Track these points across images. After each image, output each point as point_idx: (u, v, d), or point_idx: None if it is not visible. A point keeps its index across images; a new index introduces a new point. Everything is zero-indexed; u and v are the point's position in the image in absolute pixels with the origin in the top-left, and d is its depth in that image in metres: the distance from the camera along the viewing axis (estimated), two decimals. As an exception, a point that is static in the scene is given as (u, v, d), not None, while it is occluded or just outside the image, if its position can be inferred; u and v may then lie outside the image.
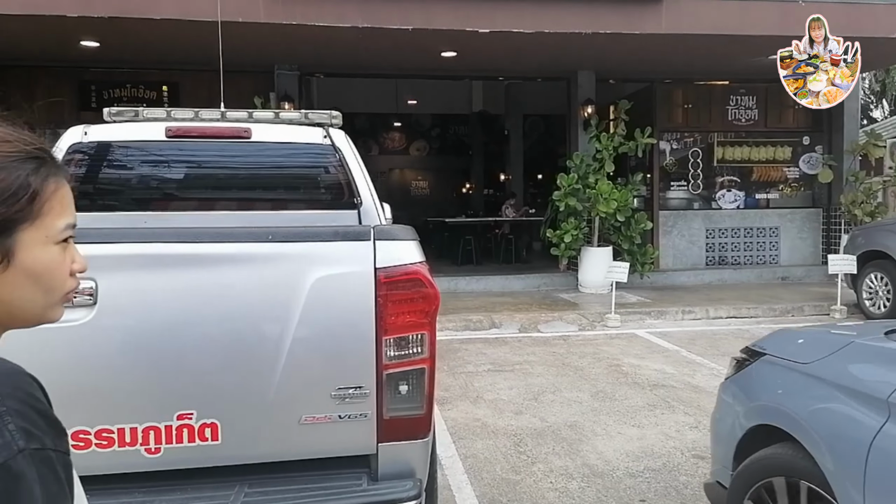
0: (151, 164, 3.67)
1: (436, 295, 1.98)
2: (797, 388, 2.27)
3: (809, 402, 2.16)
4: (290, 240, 1.90)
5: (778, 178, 11.43)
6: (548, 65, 9.97)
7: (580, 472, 3.74)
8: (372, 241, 1.93)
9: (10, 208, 0.75)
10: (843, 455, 1.93)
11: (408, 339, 1.95)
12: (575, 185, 9.34)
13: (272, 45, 8.27)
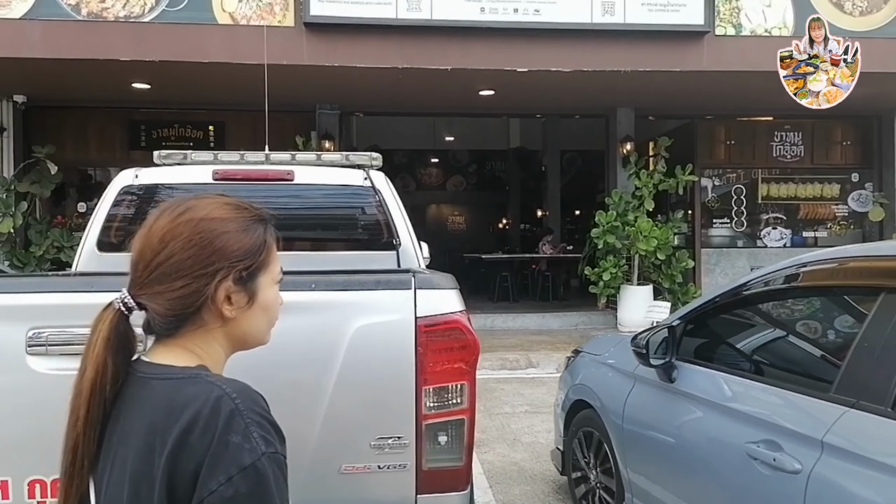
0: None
1: (476, 344, 1.96)
2: (593, 371, 3.52)
3: (597, 379, 3.42)
4: (332, 288, 1.91)
5: (826, 216, 11.14)
6: (586, 102, 9.98)
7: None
8: (413, 289, 1.93)
9: (255, 260, 1.00)
10: (612, 409, 3.09)
11: (447, 389, 1.92)
12: (614, 223, 9.25)
13: (314, 85, 8.47)
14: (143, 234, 0.99)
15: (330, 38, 7.30)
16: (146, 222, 1.00)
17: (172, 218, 0.98)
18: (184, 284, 0.96)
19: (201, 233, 0.97)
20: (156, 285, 0.96)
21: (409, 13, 7.32)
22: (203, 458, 0.86)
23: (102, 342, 0.96)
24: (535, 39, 7.70)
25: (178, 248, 0.96)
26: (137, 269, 0.98)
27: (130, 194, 3.62)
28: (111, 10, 7.05)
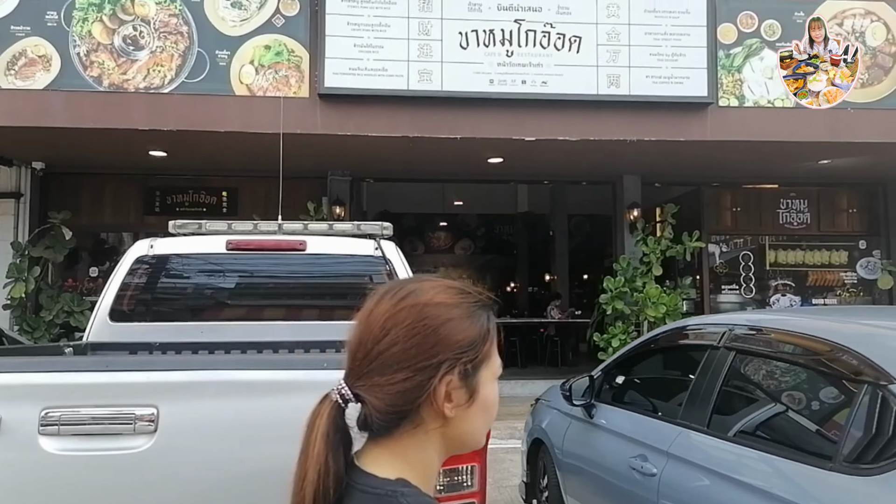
0: (212, 274, 3.81)
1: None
2: (545, 415, 4.25)
3: (548, 420, 4.15)
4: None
5: (835, 283, 11.09)
6: (593, 169, 10.14)
7: None
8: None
9: (479, 352, 0.91)
10: (556, 443, 3.84)
11: (458, 472, 1.90)
12: (622, 289, 9.25)
13: (327, 152, 8.66)
14: (362, 319, 0.91)
15: (343, 108, 7.51)
16: (365, 307, 0.92)
17: (395, 303, 0.90)
18: (405, 377, 0.87)
19: (425, 319, 0.89)
20: (375, 376, 0.88)
21: (420, 84, 7.54)
22: None
23: (322, 439, 0.87)
24: (542, 109, 7.89)
25: (402, 335, 0.88)
26: (356, 358, 0.90)
27: (145, 264, 3.67)
28: (132, 81, 7.30)
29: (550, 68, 7.83)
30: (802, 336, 2.51)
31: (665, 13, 7.96)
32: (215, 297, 3.82)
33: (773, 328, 2.76)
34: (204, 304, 3.79)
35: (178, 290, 3.79)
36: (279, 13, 7.49)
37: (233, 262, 3.82)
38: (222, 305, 3.80)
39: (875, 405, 2.03)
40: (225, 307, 3.81)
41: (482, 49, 7.70)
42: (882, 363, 2.08)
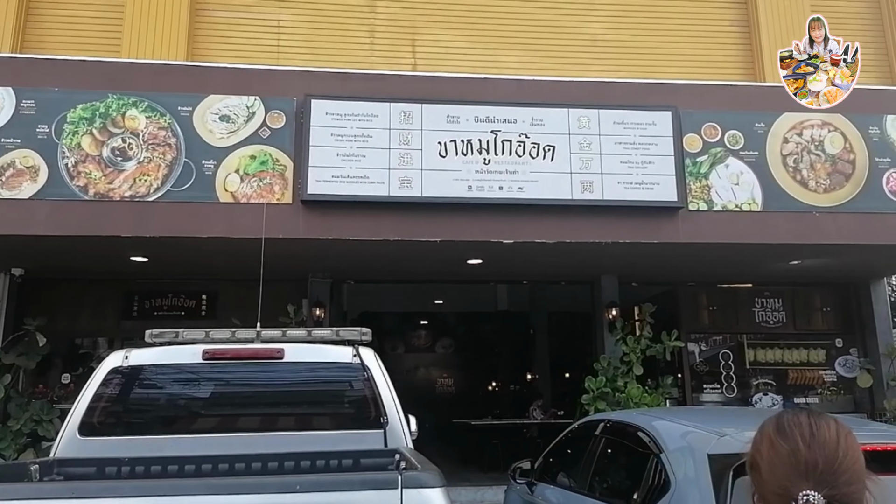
0: (187, 385, 3.77)
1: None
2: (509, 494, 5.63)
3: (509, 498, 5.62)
4: (317, 489, 1.90)
5: (815, 381, 11.12)
6: (570, 270, 10.32)
7: None
8: (399, 489, 1.92)
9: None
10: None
11: None
12: (604, 389, 9.20)
13: (308, 256, 8.77)
14: (814, 442, 1.18)
15: (326, 213, 7.68)
16: (798, 433, 1.20)
17: (837, 429, 1.20)
18: (855, 488, 1.15)
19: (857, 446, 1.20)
20: (844, 487, 1.13)
21: (400, 191, 7.77)
22: None
23: None
24: (519, 214, 8.13)
25: (855, 454, 1.18)
26: (823, 473, 1.15)
27: (119, 375, 3.64)
28: (118, 190, 7.45)
29: (526, 175, 8.13)
30: (631, 425, 3.73)
31: (633, 125, 8.40)
32: (190, 408, 3.77)
33: (618, 420, 4.15)
34: (178, 415, 3.74)
35: (152, 402, 3.74)
36: (265, 125, 7.79)
37: (209, 372, 3.80)
38: (197, 417, 3.75)
39: (654, 466, 3.19)
40: (200, 418, 3.75)
41: (460, 157, 8.01)
42: (659, 440, 3.26)
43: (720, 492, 2.65)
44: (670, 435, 3.28)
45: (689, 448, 3.07)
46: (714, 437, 2.99)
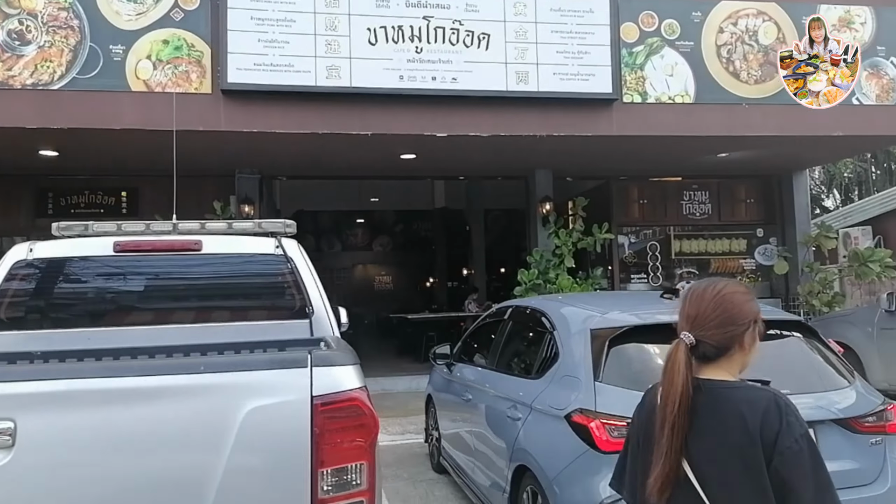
0: (98, 278, 3.59)
1: (375, 423, 1.91)
2: (433, 376, 6.10)
3: (433, 379, 6.11)
4: (223, 370, 1.84)
5: (735, 270, 11.69)
6: (505, 164, 10.27)
7: None
8: (309, 367, 1.88)
9: (758, 319, 1.60)
10: (434, 394, 5.95)
11: (346, 471, 1.86)
12: (536, 281, 9.42)
13: (233, 150, 8.39)
14: (695, 300, 1.61)
15: (248, 104, 7.29)
16: (694, 293, 1.62)
17: (717, 290, 1.60)
18: (728, 331, 1.56)
19: (737, 301, 1.59)
20: (711, 330, 1.56)
21: (328, 81, 7.41)
22: (778, 429, 1.45)
23: (683, 363, 1.52)
24: (453, 106, 7.92)
25: (727, 308, 1.57)
26: (696, 321, 1.57)
27: (24, 269, 3.43)
28: (18, 78, 6.84)
29: (460, 65, 7.86)
30: (533, 309, 4.34)
31: (570, 12, 8.15)
32: (103, 302, 3.61)
33: (522, 305, 4.73)
34: (92, 309, 3.58)
35: (61, 296, 3.56)
36: (178, 7, 7.18)
37: (122, 265, 3.62)
38: (110, 310, 3.60)
39: (548, 342, 3.82)
40: (113, 312, 3.61)
41: (391, 45, 7.64)
42: (553, 320, 3.88)
43: (598, 358, 3.32)
44: (561, 315, 3.88)
45: (575, 325, 3.63)
46: (597, 316, 3.60)
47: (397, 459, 6.35)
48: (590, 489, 3.03)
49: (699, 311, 1.59)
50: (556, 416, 3.34)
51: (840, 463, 3.04)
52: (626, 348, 3.42)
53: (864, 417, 3.18)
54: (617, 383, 3.27)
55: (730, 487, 1.48)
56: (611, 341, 3.36)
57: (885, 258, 10.04)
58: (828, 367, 3.47)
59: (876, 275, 9.90)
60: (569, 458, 3.19)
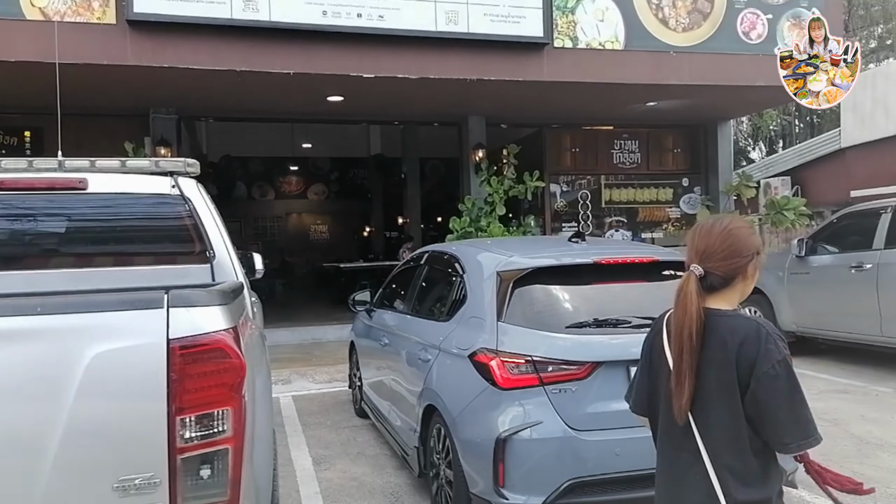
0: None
1: (241, 366, 1.79)
2: (356, 322, 6.02)
3: (355, 325, 6.01)
4: (64, 311, 1.68)
5: (662, 218, 11.94)
6: (438, 110, 10.07)
7: (452, 533, 3.58)
8: (165, 308, 1.74)
9: (760, 250, 1.73)
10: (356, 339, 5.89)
11: (209, 418, 1.75)
12: (468, 229, 9.38)
13: (145, 88, 7.90)
14: (704, 235, 1.72)
15: (157, 37, 6.83)
16: (702, 229, 1.74)
17: (725, 225, 1.72)
18: (734, 262, 1.68)
19: (742, 235, 1.71)
20: (718, 262, 1.67)
21: (245, 14, 7.01)
22: (755, 355, 1.58)
23: (695, 293, 1.64)
24: (380, 46, 7.64)
25: (733, 241, 1.69)
26: (704, 253, 1.69)
27: None
28: None
29: (387, 2, 7.56)
30: (446, 254, 4.34)
31: (501, -51, 7.89)
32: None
33: (438, 250, 4.68)
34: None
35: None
36: (76, -75, 6.60)
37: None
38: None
39: (458, 285, 3.85)
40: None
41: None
42: (464, 264, 3.90)
43: (502, 299, 3.34)
44: (471, 259, 3.89)
45: (482, 268, 3.66)
46: (504, 259, 3.58)
47: (322, 407, 6.31)
48: (490, 424, 3.07)
49: (707, 246, 1.72)
50: (461, 356, 3.36)
51: None
52: (530, 289, 3.42)
53: None
54: (520, 323, 3.28)
55: (708, 406, 1.64)
56: (515, 283, 3.38)
57: (800, 206, 10.41)
58: None
59: (790, 222, 10.28)
60: (471, 395, 3.22)
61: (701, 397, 1.64)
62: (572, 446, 3.03)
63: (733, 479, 1.61)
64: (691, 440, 1.65)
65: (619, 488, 3.05)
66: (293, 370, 7.94)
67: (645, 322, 3.28)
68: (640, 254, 3.74)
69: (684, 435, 1.66)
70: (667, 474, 1.76)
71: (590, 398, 3.10)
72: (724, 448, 1.62)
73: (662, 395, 1.74)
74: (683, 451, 1.68)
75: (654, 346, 1.79)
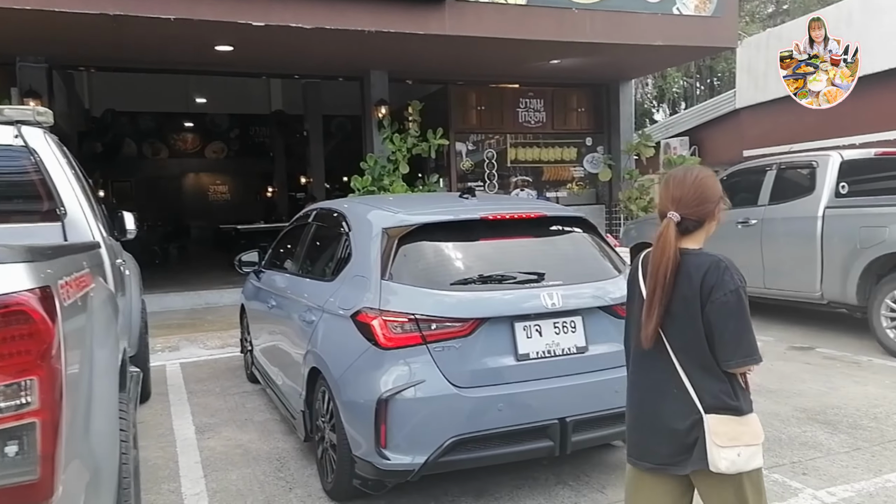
0: None
1: (48, 331, 1.56)
2: (246, 284, 5.77)
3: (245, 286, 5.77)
4: None
5: (566, 177, 12.10)
6: (338, 63, 9.67)
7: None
8: (-53, 266, 1.48)
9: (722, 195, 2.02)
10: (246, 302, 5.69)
11: (10, 389, 1.51)
12: (370, 188, 9.14)
13: (9, 32, 7.14)
14: (678, 184, 1.96)
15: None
16: (675, 179, 1.99)
17: (695, 175, 1.96)
18: (706, 207, 1.94)
19: (711, 183, 1.97)
20: (693, 208, 1.92)
21: (117, -49, 6.39)
22: (713, 284, 1.86)
23: (673, 237, 1.90)
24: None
25: (703, 189, 1.94)
26: (681, 201, 1.93)
27: None
28: None
29: (278, -55, 7.09)
30: (333, 210, 4.12)
31: None
32: None
33: (326, 207, 4.43)
34: None
35: None
36: None
37: None
38: None
39: (345, 245, 3.65)
40: None
41: (194, -87, 6.69)
42: (350, 221, 3.72)
43: (387, 256, 3.20)
44: (357, 216, 3.72)
45: (367, 225, 3.49)
46: (389, 216, 3.43)
47: (212, 374, 6.04)
48: (372, 385, 2.97)
49: (682, 194, 1.94)
50: (344, 316, 3.23)
51: (607, 346, 3.21)
52: (415, 247, 3.31)
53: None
54: (405, 281, 3.16)
55: (679, 328, 1.92)
56: (400, 240, 3.26)
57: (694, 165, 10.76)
58: (602, 259, 3.57)
59: (686, 181, 10.60)
60: (354, 356, 3.11)
61: (674, 324, 1.92)
62: (455, 404, 2.97)
63: (706, 393, 1.91)
64: (668, 361, 1.94)
65: (501, 443, 3.04)
66: (183, 336, 7.57)
67: (530, 277, 3.24)
68: (528, 209, 3.67)
69: (662, 357, 1.95)
70: (646, 389, 2.02)
71: (474, 355, 3.04)
72: (696, 368, 1.92)
73: (634, 322, 2.03)
74: (661, 371, 1.96)
75: (632, 282, 2.09)
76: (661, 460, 1.98)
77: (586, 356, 3.19)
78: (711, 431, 1.87)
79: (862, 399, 4.63)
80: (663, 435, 1.97)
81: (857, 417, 4.28)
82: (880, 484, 3.35)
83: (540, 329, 3.14)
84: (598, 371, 3.19)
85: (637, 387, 2.06)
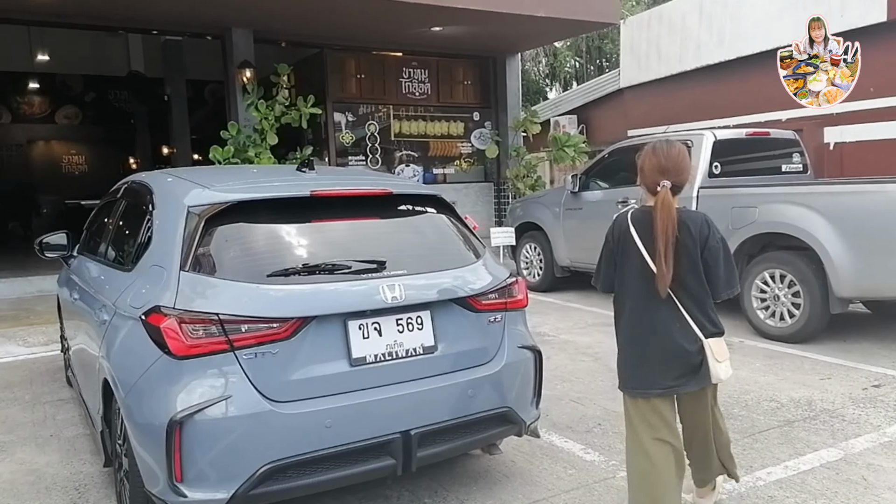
0: None
1: None
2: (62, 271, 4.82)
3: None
4: None
5: (453, 153, 11.63)
6: (192, 16, 8.57)
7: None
8: None
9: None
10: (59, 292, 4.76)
11: None
12: (232, 160, 8.28)
13: None
14: (669, 156, 2.43)
15: None
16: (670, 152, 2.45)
17: (678, 149, 2.46)
18: (686, 174, 2.47)
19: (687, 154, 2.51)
20: (682, 175, 2.44)
21: None
22: (706, 233, 2.41)
23: (671, 200, 2.37)
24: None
25: (686, 159, 2.48)
26: (672, 171, 2.41)
27: None
28: None
29: None
30: (141, 184, 3.41)
31: None
32: None
33: (136, 180, 3.63)
34: None
35: None
36: None
37: None
38: None
39: (147, 226, 2.98)
40: None
41: None
42: (155, 198, 3.05)
43: (190, 242, 2.59)
44: (163, 191, 3.09)
45: (172, 202, 2.86)
46: (198, 191, 2.81)
47: (27, 378, 5.13)
48: (163, 403, 2.38)
49: (670, 164, 2.41)
50: (133, 317, 2.58)
51: (461, 343, 2.80)
52: (228, 230, 2.68)
53: (485, 295, 2.88)
54: (211, 272, 2.56)
55: (683, 270, 2.39)
56: (209, 221, 2.64)
57: (579, 143, 10.62)
58: (457, 244, 3.09)
59: (571, 158, 10.45)
60: (143, 367, 2.47)
61: (678, 272, 2.38)
62: (270, 423, 2.40)
63: (702, 325, 2.43)
64: (672, 303, 2.42)
65: (331, 466, 2.51)
66: (0, 332, 6.51)
67: (369, 267, 2.69)
68: (371, 186, 3.14)
69: (665, 300, 2.40)
70: (651, 328, 2.45)
71: (296, 362, 2.48)
72: (692, 305, 2.43)
73: (636, 275, 2.45)
74: (665, 311, 2.42)
75: (624, 240, 2.48)
76: (670, 384, 2.45)
77: (435, 357, 2.72)
78: (712, 351, 2.41)
79: (734, 384, 4.44)
80: (674, 362, 2.43)
81: (729, 406, 4.06)
82: (750, 483, 3.09)
83: (379, 327, 2.62)
84: (450, 373, 2.76)
85: (641, 329, 2.47)
